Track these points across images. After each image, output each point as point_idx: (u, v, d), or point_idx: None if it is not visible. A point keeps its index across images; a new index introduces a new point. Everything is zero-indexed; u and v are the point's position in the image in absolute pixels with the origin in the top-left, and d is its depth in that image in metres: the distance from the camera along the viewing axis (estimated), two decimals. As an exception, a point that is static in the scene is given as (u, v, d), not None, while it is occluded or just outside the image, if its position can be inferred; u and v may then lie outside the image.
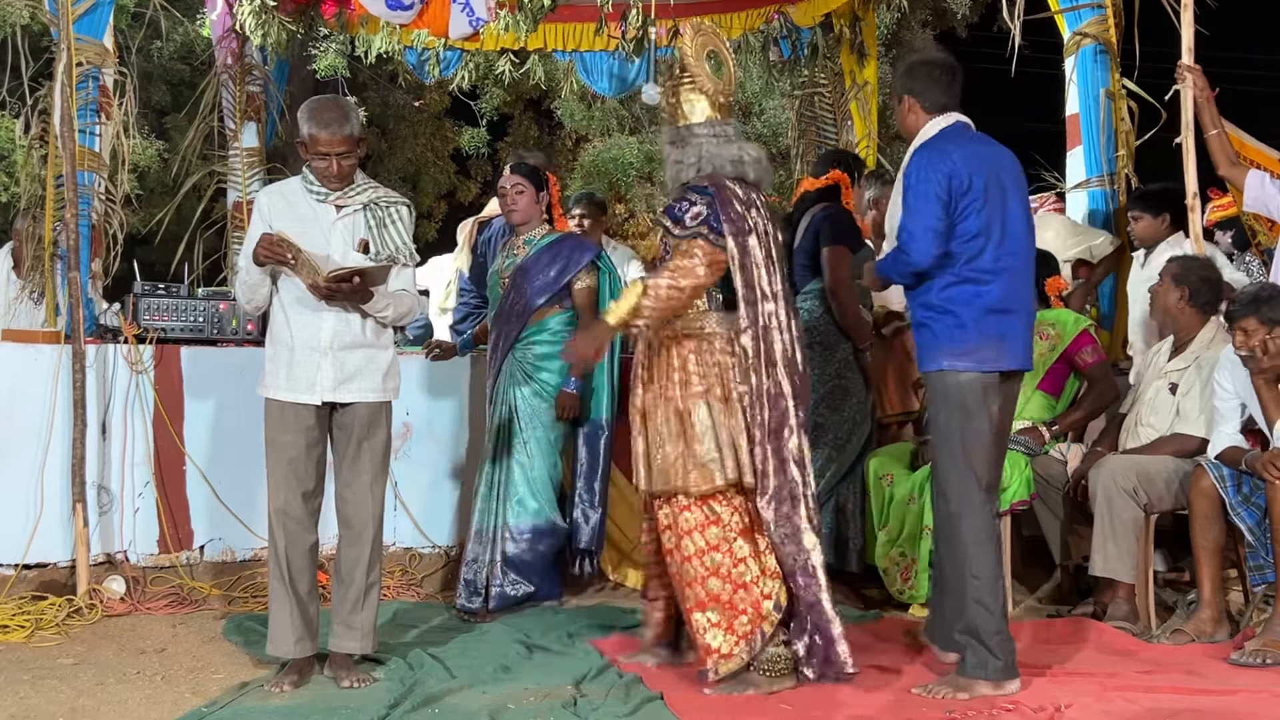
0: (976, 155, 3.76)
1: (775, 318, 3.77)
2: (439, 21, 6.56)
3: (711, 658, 3.68)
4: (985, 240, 3.71)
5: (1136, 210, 5.58)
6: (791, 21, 6.99)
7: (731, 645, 3.67)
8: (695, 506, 3.73)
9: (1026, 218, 3.86)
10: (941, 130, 3.83)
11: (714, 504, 3.72)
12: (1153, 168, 5.94)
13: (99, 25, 5.08)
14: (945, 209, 3.68)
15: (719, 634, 3.68)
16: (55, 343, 4.80)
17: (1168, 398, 4.75)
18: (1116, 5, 5.82)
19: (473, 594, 4.79)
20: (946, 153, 3.72)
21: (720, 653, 3.67)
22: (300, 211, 3.86)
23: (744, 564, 3.69)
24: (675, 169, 3.85)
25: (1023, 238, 3.80)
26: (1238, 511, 4.24)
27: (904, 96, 3.93)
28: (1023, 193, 3.88)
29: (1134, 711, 3.48)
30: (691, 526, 3.73)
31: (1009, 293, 3.73)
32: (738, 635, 3.67)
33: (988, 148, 3.85)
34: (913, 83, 3.92)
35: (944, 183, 3.67)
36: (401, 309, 3.92)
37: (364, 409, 3.89)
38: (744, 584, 3.68)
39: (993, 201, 3.73)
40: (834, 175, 5.26)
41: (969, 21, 12.48)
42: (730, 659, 3.67)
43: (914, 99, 3.90)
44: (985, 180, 3.72)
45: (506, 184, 5.01)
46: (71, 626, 4.43)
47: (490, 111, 13.45)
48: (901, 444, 5.23)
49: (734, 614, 3.67)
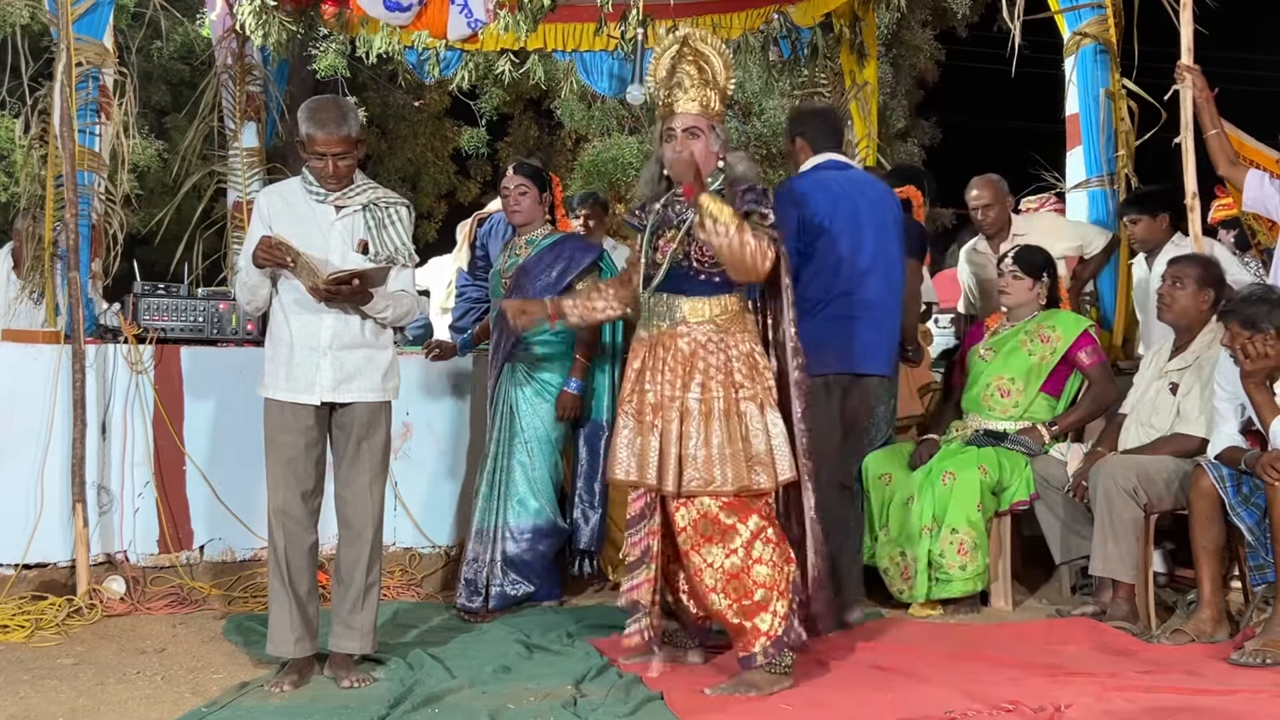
0: (834, 192, 4.49)
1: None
2: (437, 23, 6.57)
3: (759, 641, 3.71)
4: (830, 263, 4.44)
5: (1133, 213, 5.56)
6: (791, 21, 6.98)
7: (777, 627, 3.72)
8: (736, 500, 3.74)
9: (879, 248, 4.54)
10: (814, 166, 4.62)
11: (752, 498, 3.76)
12: (1153, 168, 5.94)
13: (99, 25, 5.08)
14: (797, 237, 4.34)
15: (767, 617, 3.72)
16: (55, 343, 4.80)
17: (1168, 398, 4.75)
18: (1116, 5, 5.82)
19: (473, 593, 4.79)
20: (804, 190, 4.49)
21: (769, 634, 3.72)
22: (299, 212, 3.86)
23: (778, 548, 3.76)
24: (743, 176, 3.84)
25: (867, 266, 4.50)
26: (1237, 511, 4.23)
27: (795, 138, 4.73)
28: (882, 226, 4.58)
29: (1134, 711, 3.47)
30: (733, 520, 3.74)
31: (841, 308, 4.47)
32: (780, 616, 3.72)
33: (850, 185, 4.56)
34: (804, 128, 4.73)
35: (794, 215, 4.36)
36: (401, 310, 3.92)
37: (363, 409, 3.89)
38: (780, 566, 3.75)
39: (842, 232, 4.45)
40: (908, 191, 5.42)
41: (969, 21, 12.49)
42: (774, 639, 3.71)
43: (804, 141, 4.70)
44: (837, 213, 4.45)
45: (509, 184, 5.01)
46: (71, 626, 4.43)
47: (490, 111, 13.44)
48: (901, 444, 5.23)
49: (780, 597, 3.73)
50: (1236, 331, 4.22)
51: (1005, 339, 5.15)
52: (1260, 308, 4.18)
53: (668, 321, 3.84)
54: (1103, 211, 5.92)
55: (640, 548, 3.90)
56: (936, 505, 4.77)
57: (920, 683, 3.77)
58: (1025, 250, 5.18)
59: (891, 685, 3.76)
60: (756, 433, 3.75)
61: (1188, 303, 4.73)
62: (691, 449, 3.74)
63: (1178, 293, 4.75)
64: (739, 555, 3.73)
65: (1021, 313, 5.16)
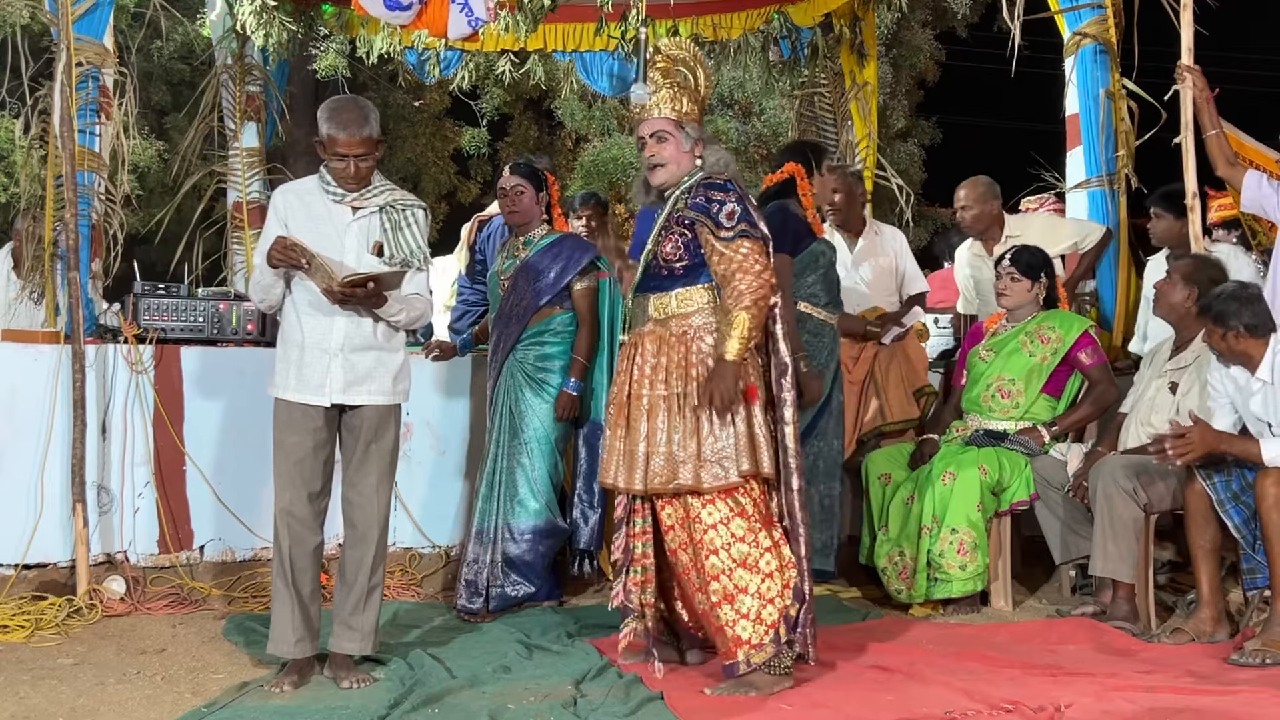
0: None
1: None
2: (438, 22, 6.56)
3: (742, 649, 3.67)
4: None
5: (1160, 209, 5.50)
6: (791, 21, 6.99)
7: (761, 635, 3.67)
8: (719, 499, 3.71)
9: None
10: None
11: (738, 496, 3.72)
12: (1153, 168, 5.94)
13: (99, 25, 5.08)
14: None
15: (748, 625, 3.67)
16: (55, 343, 4.79)
17: (1168, 397, 4.75)
18: (1116, 5, 5.83)
19: (473, 594, 4.79)
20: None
21: (751, 643, 3.67)
22: (316, 211, 3.85)
23: (769, 554, 3.70)
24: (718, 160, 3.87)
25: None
26: (1226, 509, 4.24)
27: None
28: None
29: (1134, 711, 3.47)
30: (716, 520, 3.71)
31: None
32: (766, 625, 3.67)
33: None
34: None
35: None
36: (414, 313, 3.91)
37: (373, 411, 3.88)
38: (770, 574, 3.68)
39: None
40: (788, 169, 5.13)
41: (969, 21, 12.48)
42: (761, 649, 3.66)
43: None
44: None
45: (506, 184, 5.01)
46: (71, 626, 4.42)
47: (490, 111, 13.43)
48: (901, 444, 5.23)
49: (763, 603, 3.67)
50: (1210, 328, 4.26)
51: (1005, 340, 5.15)
52: (1230, 305, 4.23)
53: (641, 322, 3.90)
54: (1102, 211, 5.93)
55: (622, 549, 3.92)
56: (936, 505, 4.77)
57: (920, 683, 3.77)
58: (1023, 252, 5.17)
59: (891, 685, 3.76)
60: (720, 427, 3.71)
61: (1175, 299, 4.77)
62: (657, 446, 3.74)
63: (1166, 287, 4.82)
64: (720, 557, 3.70)
65: (1021, 313, 5.16)
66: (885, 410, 5.47)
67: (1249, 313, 4.21)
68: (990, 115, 15.92)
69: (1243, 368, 4.27)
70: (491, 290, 5.15)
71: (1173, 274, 4.83)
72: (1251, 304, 4.24)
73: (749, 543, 3.69)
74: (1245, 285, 4.42)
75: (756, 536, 3.70)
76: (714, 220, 3.75)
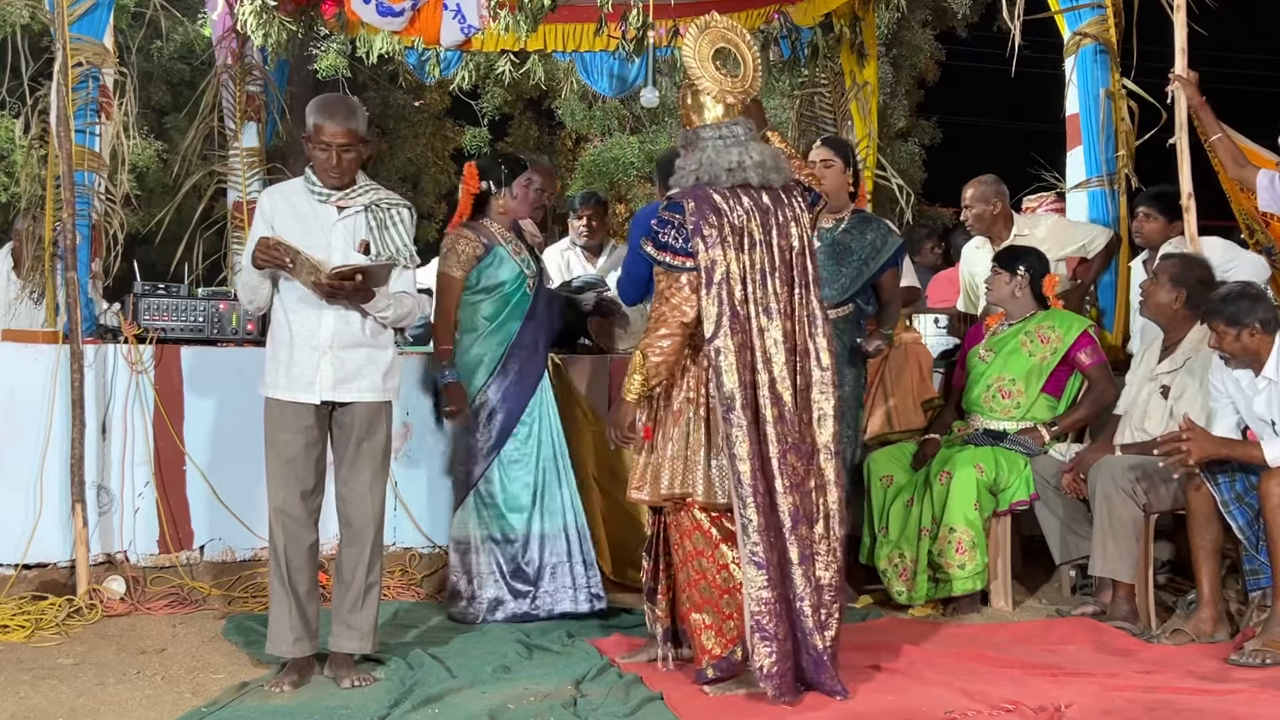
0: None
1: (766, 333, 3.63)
2: (430, 28, 6.58)
3: (705, 658, 3.72)
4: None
5: (1150, 209, 5.47)
6: (791, 21, 6.98)
7: (722, 648, 3.70)
8: (685, 512, 3.76)
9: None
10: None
11: (695, 511, 3.75)
12: (1153, 168, 5.93)
13: (99, 25, 5.07)
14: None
15: (711, 636, 3.72)
16: (55, 343, 4.79)
17: (1159, 402, 4.75)
18: (1116, 5, 5.82)
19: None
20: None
21: (713, 654, 3.71)
22: (301, 211, 3.86)
23: (727, 570, 3.71)
24: (678, 175, 3.80)
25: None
26: (1230, 510, 4.24)
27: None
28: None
29: (1134, 711, 3.48)
30: (683, 532, 3.77)
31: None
32: (726, 639, 3.71)
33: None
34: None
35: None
36: (402, 310, 3.92)
37: (363, 409, 3.89)
38: (729, 590, 3.70)
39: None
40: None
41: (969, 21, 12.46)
42: (721, 662, 3.70)
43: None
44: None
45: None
46: (71, 626, 4.42)
47: (491, 111, 13.42)
48: (902, 445, 5.23)
49: (722, 618, 3.71)
50: (1223, 330, 4.25)
51: (1005, 340, 5.15)
52: (1241, 304, 4.23)
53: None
54: (1103, 212, 5.92)
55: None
56: (934, 505, 4.77)
57: (920, 683, 3.77)
58: (1007, 247, 5.24)
59: (891, 685, 3.76)
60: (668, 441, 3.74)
61: (1161, 299, 4.78)
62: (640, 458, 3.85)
63: (1152, 288, 4.83)
64: (686, 569, 3.76)
65: (1017, 312, 5.16)
66: (892, 418, 5.47)
67: (1261, 309, 4.23)
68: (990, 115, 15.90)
69: (1247, 369, 4.27)
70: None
71: (1159, 275, 4.82)
72: (1260, 301, 4.27)
73: (706, 557, 3.74)
74: (1248, 284, 4.43)
75: (712, 553, 3.73)
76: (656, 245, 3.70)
